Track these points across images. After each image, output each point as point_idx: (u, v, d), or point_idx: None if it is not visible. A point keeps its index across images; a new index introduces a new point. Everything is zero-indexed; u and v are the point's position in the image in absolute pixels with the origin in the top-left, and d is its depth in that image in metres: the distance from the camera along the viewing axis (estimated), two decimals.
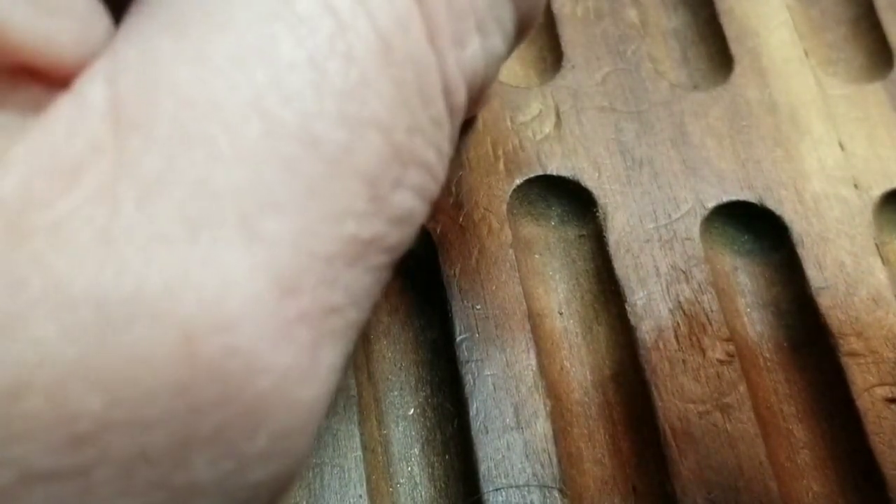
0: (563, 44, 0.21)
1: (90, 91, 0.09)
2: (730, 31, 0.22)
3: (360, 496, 0.16)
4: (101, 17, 0.10)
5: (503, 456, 0.17)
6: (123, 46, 0.09)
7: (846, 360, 0.18)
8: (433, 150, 0.11)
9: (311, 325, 0.09)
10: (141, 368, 0.08)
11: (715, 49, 0.23)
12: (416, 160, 0.10)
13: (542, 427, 0.17)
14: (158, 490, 0.08)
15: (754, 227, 0.20)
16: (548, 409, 0.17)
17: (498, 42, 0.12)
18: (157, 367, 0.08)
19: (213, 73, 0.09)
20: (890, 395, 0.18)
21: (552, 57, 0.22)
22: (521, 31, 0.12)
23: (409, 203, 0.10)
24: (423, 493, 0.17)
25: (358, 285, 0.10)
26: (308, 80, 0.09)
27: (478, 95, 0.12)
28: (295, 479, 0.10)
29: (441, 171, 0.11)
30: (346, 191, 0.09)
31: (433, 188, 0.11)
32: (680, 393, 0.18)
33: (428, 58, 0.10)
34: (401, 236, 0.11)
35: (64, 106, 0.09)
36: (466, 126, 0.20)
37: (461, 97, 0.11)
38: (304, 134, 0.09)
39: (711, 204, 0.20)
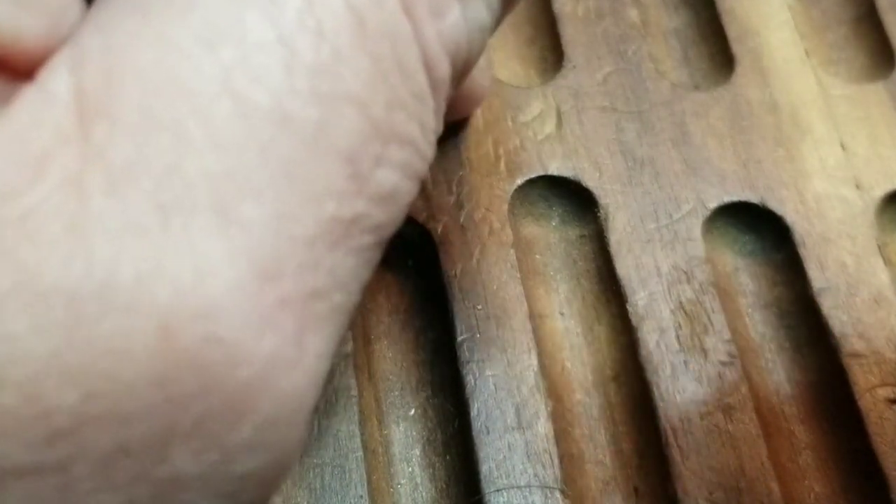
0: (563, 43, 0.21)
1: (54, 81, 0.09)
2: (731, 31, 0.22)
3: (361, 496, 0.16)
4: (74, 8, 0.10)
5: (504, 457, 0.17)
6: (87, 34, 0.09)
7: (848, 361, 0.18)
8: (416, 125, 0.10)
9: (295, 311, 0.09)
10: (116, 361, 0.08)
11: (716, 49, 0.22)
12: (397, 136, 0.10)
13: (543, 428, 0.17)
14: (140, 484, 0.08)
15: (756, 227, 0.20)
16: (549, 409, 0.17)
17: (481, 10, 0.11)
18: (134, 360, 0.08)
19: (179, 56, 0.09)
20: (892, 396, 0.18)
21: (553, 57, 0.22)
22: (507, 1, 0.12)
23: (393, 180, 0.10)
24: (424, 493, 0.17)
25: (342, 268, 0.10)
26: (277, 58, 0.09)
27: (463, 70, 0.11)
28: (287, 470, 0.10)
29: (427, 146, 0.11)
30: (325, 170, 0.09)
31: (419, 165, 0.11)
32: (681, 394, 0.18)
33: (405, 30, 0.10)
34: (386, 215, 0.10)
35: (28, 97, 0.09)
36: (462, 125, 0.20)
37: (444, 70, 0.11)
38: (277, 113, 0.09)
39: (713, 204, 0.20)
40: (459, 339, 0.18)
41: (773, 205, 0.20)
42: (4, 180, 0.08)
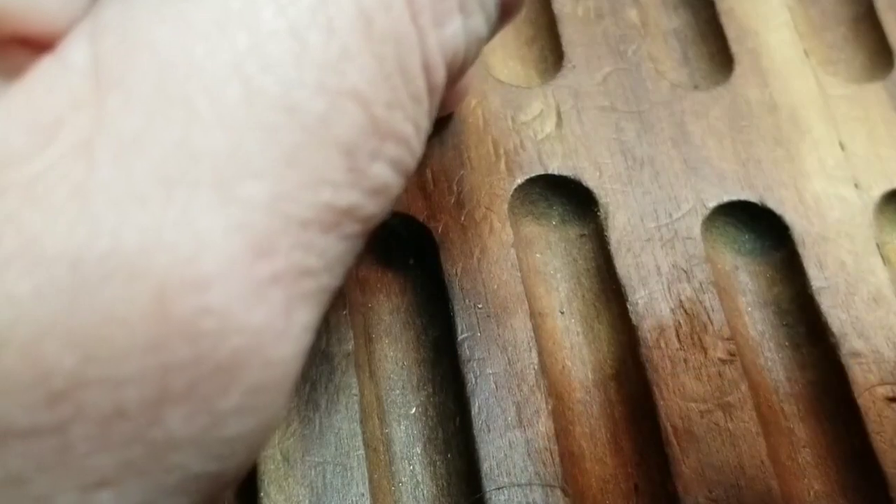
0: (563, 43, 0.21)
1: (72, 51, 0.09)
2: (730, 31, 0.22)
3: (363, 494, 0.16)
4: None
5: (505, 455, 0.17)
6: (106, 8, 0.09)
7: (847, 360, 0.18)
8: (411, 125, 0.11)
9: (285, 287, 0.09)
10: (114, 326, 0.08)
11: (715, 49, 0.23)
12: (394, 134, 0.10)
13: (543, 426, 0.17)
14: (135, 445, 0.09)
15: (755, 226, 0.20)
16: (549, 407, 0.17)
17: (480, 23, 0.12)
18: (131, 326, 0.08)
19: (195, 37, 0.09)
20: (891, 395, 0.18)
21: (553, 57, 0.22)
22: (504, 14, 0.13)
23: (386, 175, 0.11)
24: (425, 491, 0.17)
25: (332, 252, 0.10)
26: (288, 49, 0.09)
27: (457, 76, 0.12)
28: (270, 434, 0.10)
29: (418, 146, 0.11)
30: (324, 160, 0.10)
31: (410, 162, 0.11)
32: (681, 392, 0.18)
33: (409, 35, 0.10)
34: (376, 207, 0.11)
35: (46, 66, 0.09)
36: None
37: (440, 76, 0.11)
38: (284, 102, 0.09)
39: (712, 203, 0.20)
40: (460, 337, 0.18)
41: (773, 204, 0.20)
42: (13, 145, 0.08)
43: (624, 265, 0.19)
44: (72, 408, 0.08)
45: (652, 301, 0.19)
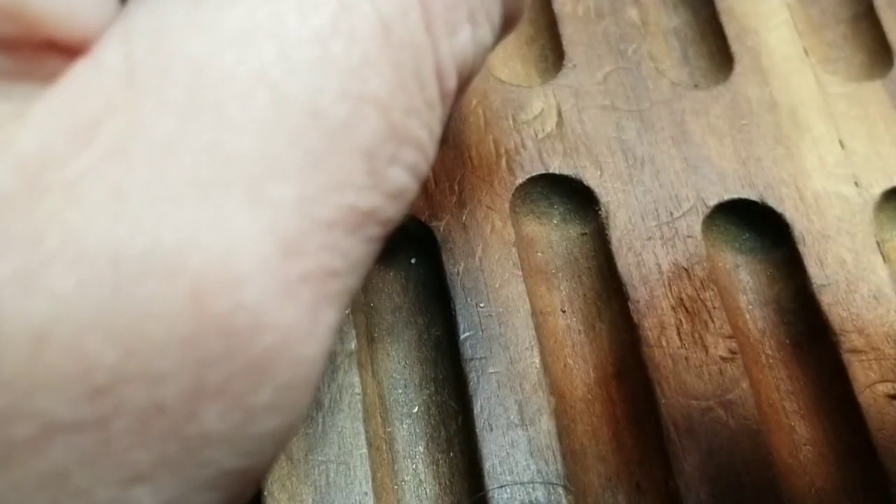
0: (564, 43, 0.22)
1: (106, 53, 0.09)
2: (730, 30, 0.22)
3: (366, 493, 0.16)
4: None
5: (507, 453, 0.17)
6: (138, 14, 0.10)
7: (848, 357, 0.19)
8: (426, 130, 0.11)
9: (313, 287, 0.10)
10: (153, 322, 0.08)
11: (715, 48, 0.23)
12: (410, 139, 0.11)
13: (545, 424, 0.17)
14: (172, 441, 0.09)
15: (755, 224, 0.20)
16: (551, 406, 0.17)
17: (486, 32, 0.12)
18: (169, 322, 0.08)
19: (225, 44, 0.09)
20: (892, 392, 0.18)
21: (553, 56, 0.22)
22: (506, 24, 0.13)
23: (403, 179, 0.11)
24: (427, 490, 0.17)
25: (355, 254, 0.10)
26: (313, 56, 0.10)
27: (466, 84, 0.12)
28: (295, 433, 0.11)
29: (432, 151, 0.12)
30: (347, 163, 0.10)
31: (424, 167, 0.12)
32: (683, 390, 0.18)
33: (424, 43, 0.11)
34: (395, 210, 0.11)
35: (81, 68, 0.09)
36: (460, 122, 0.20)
37: (452, 83, 0.12)
38: (309, 107, 0.10)
39: (713, 202, 0.20)
40: (462, 336, 0.18)
41: (773, 202, 0.20)
42: (54, 147, 0.09)
43: (625, 264, 0.19)
44: (113, 402, 0.08)
45: (653, 299, 0.19)
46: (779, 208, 0.20)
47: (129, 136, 0.09)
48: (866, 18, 0.23)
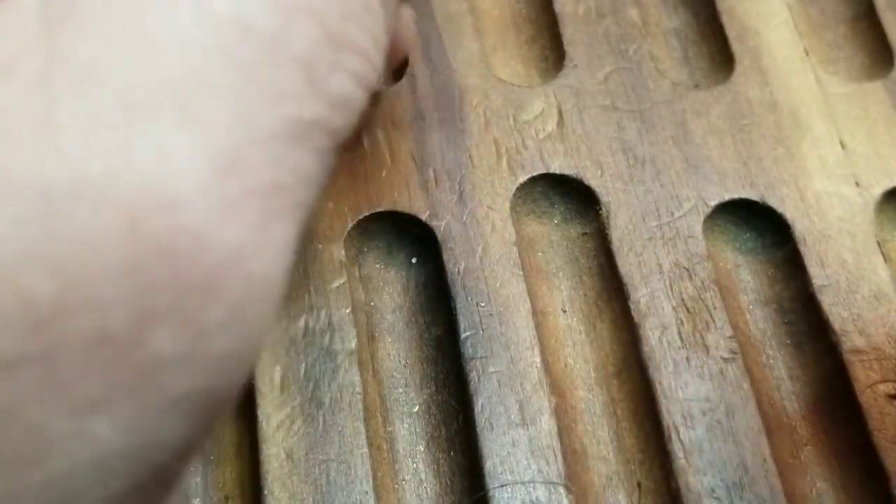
0: (564, 43, 0.22)
1: None
2: (730, 31, 0.22)
3: (366, 492, 0.16)
4: None
5: (508, 452, 0.17)
6: None
7: (848, 357, 0.19)
8: (368, 36, 0.11)
9: (258, 202, 0.09)
10: (90, 251, 0.08)
11: (716, 48, 0.23)
12: (350, 46, 0.11)
13: (546, 424, 0.17)
14: (123, 367, 0.09)
15: (756, 224, 0.21)
16: (552, 405, 0.17)
17: None
18: (106, 250, 0.08)
19: None
20: (892, 392, 0.18)
21: (554, 56, 0.22)
22: None
23: (348, 87, 0.11)
24: (428, 489, 0.17)
25: (304, 166, 0.10)
26: None
27: None
28: (259, 350, 0.10)
29: (378, 59, 0.12)
30: (283, 74, 0.10)
31: (371, 75, 0.12)
32: (683, 390, 0.18)
33: None
34: (341, 120, 0.11)
35: None
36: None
37: None
38: (236, 20, 0.09)
39: (713, 202, 0.20)
40: (463, 336, 0.18)
41: (774, 202, 0.20)
42: None
43: (626, 263, 0.19)
44: (56, 334, 0.08)
45: (654, 299, 0.19)
46: (779, 208, 0.20)
47: (49, 70, 0.09)
48: (867, 19, 0.23)
